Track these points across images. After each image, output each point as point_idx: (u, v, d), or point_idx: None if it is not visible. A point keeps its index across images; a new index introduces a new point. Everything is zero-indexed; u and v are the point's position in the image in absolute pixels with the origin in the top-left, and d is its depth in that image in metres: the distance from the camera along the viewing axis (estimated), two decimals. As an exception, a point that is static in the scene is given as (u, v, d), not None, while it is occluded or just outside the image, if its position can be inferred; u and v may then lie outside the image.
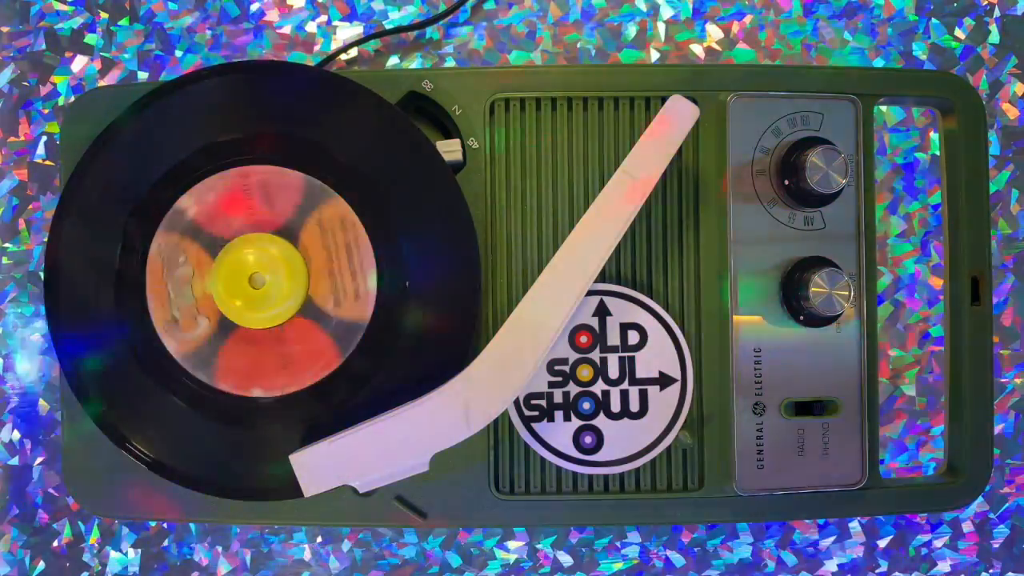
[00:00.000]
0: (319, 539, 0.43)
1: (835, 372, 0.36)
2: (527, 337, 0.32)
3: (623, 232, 0.33)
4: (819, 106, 0.36)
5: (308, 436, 0.33)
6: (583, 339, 0.35)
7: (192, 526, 0.43)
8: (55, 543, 0.43)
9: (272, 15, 0.44)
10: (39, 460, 0.43)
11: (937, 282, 0.43)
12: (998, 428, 0.43)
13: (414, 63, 0.43)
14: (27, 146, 0.43)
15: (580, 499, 0.36)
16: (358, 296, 0.34)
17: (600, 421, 0.35)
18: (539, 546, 0.43)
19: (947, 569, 0.43)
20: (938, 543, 0.43)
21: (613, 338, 0.35)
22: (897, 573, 0.43)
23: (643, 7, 0.44)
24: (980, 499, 0.42)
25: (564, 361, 0.36)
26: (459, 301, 0.34)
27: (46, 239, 0.34)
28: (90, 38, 0.43)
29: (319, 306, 0.34)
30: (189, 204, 0.33)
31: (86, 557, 0.43)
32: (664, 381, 0.35)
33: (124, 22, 0.43)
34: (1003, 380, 0.43)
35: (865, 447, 0.36)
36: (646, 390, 0.35)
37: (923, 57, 0.44)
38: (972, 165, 0.37)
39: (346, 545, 0.43)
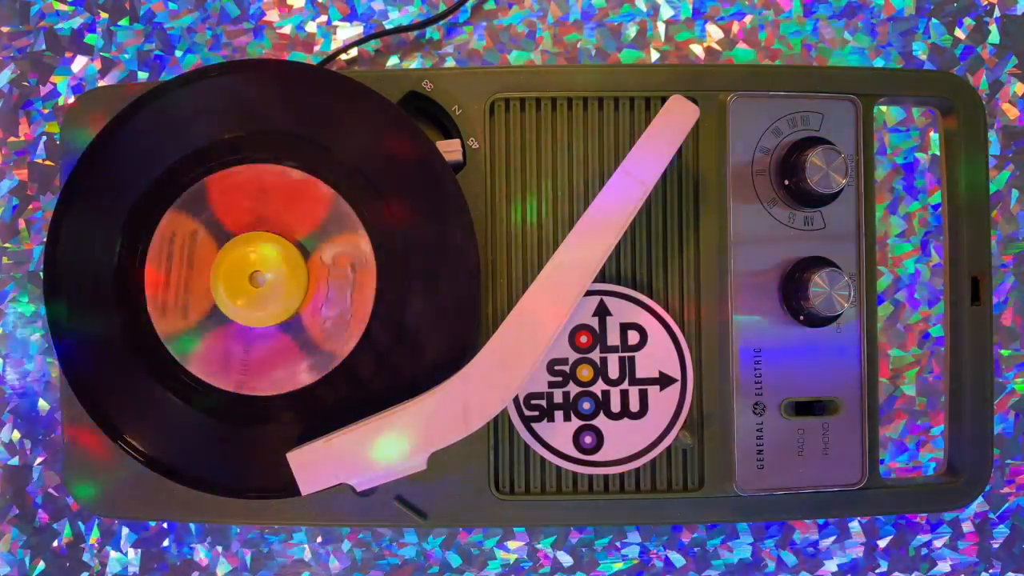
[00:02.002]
0: (319, 539, 0.43)
1: (835, 372, 0.36)
2: (526, 337, 0.32)
3: (623, 232, 0.33)
4: (819, 106, 0.36)
5: (306, 435, 0.33)
6: (583, 339, 0.35)
7: (192, 526, 0.43)
8: (55, 543, 0.43)
9: (272, 15, 0.44)
10: (39, 460, 0.43)
11: (937, 282, 0.43)
12: (998, 428, 0.43)
13: (414, 63, 0.43)
14: (27, 146, 0.43)
15: (580, 499, 0.36)
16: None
17: (600, 421, 0.35)
18: (539, 546, 0.43)
19: (947, 569, 0.43)
20: (938, 543, 0.43)
21: (613, 338, 0.35)
22: (897, 573, 0.43)
23: (643, 7, 0.44)
24: (980, 499, 0.42)
25: (564, 361, 0.36)
26: (459, 301, 0.34)
27: (46, 239, 0.34)
28: (90, 38, 0.43)
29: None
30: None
31: (86, 557, 0.43)
32: (664, 381, 0.35)
33: (124, 22, 0.43)
34: (1003, 380, 0.43)
35: (865, 447, 0.36)
36: (646, 390, 0.35)
37: (923, 57, 0.44)
38: (972, 165, 0.37)
39: (346, 545, 0.43)
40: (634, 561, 0.43)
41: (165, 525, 0.43)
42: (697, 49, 0.44)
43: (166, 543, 0.43)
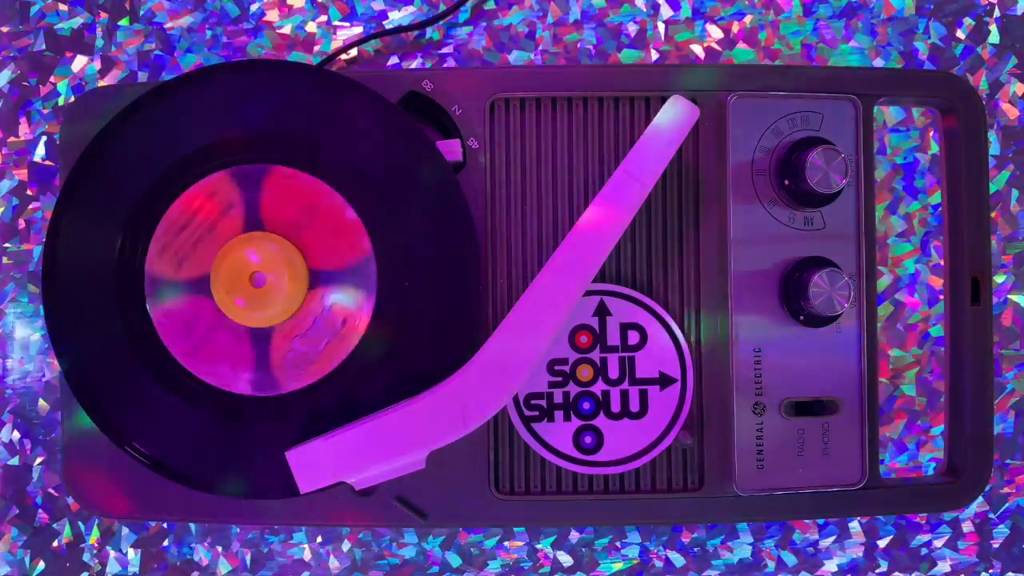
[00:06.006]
0: (319, 539, 0.43)
1: (835, 372, 0.36)
2: (526, 336, 0.32)
3: (623, 232, 0.33)
4: (819, 106, 0.36)
5: (306, 434, 0.33)
6: (583, 339, 0.35)
7: (192, 526, 0.43)
8: (55, 543, 0.43)
9: (272, 15, 0.44)
10: (39, 460, 0.43)
11: (937, 282, 0.43)
12: (998, 428, 0.43)
13: (414, 63, 0.43)
14: (27, 146, 0.43)
15: (580, 499, 0.36)
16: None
17: (600, 421, 0.35)
18: (539, 546, 0.43)
19: (947, 569, 0.43)
20: (938, 543, 0.43)
21: (613, 338, 0.35)
22: (897, 573, 0.43)
23: (643, 7, 0.44)
24: (980, 499, 0.42)
25: (564, 361, 0.36)
26: (459, 301, 0.34)
27: (45, 238, 0.34)
28: (90, 38, 0.43)
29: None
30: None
31: (86, 557, 0.43)
32: (664, 381, 0.35)
33: (124, 22, 0.43)
34: (1003, 380, 0.43)
35: (865, 447, 0.36)
36: (646, 390, 0.35)
37: (923, 57, 0.44)
38: (972, 165, 0.37)
39: (346, 545, 0.43)
40: (634, 561, 0.43)
41: (165, 525, 0.43)
42: (697, 49, 0.44)
43: (166, 543, 0.43)
